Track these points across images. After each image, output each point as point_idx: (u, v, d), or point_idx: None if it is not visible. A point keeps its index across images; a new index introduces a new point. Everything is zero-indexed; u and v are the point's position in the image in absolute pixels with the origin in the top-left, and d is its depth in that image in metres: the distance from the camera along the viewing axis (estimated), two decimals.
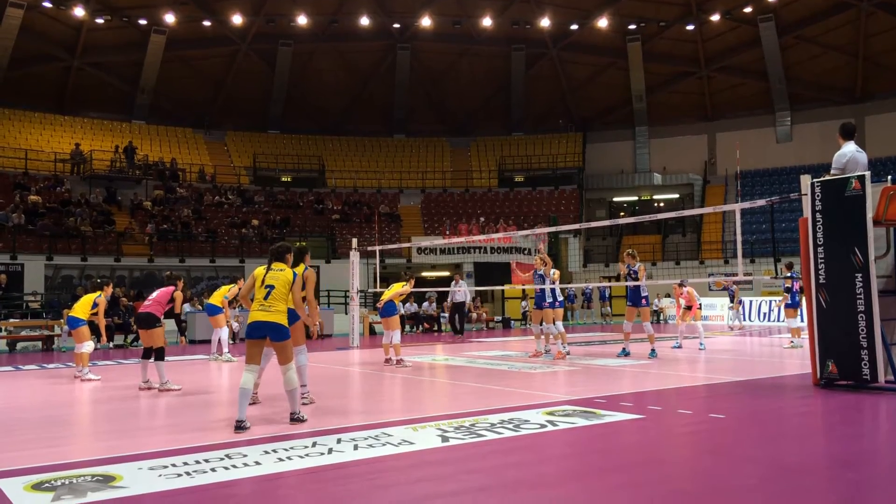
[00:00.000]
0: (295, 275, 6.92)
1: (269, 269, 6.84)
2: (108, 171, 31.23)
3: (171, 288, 10.04)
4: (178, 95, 37.61)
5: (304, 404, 7.47)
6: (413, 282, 13.54)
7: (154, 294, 10.11)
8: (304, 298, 7.46)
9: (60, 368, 13.12)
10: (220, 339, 13.87)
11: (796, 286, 15.64)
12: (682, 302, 16.11)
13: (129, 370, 12.73)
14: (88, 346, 10.99)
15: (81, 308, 11.07)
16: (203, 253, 28.34)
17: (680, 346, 15.10)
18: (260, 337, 6.69)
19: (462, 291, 21.35)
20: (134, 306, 20.46)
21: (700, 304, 17.46)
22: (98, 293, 11.28)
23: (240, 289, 11.49)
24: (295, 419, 6.69)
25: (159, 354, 9.68)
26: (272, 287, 6.70)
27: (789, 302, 15.95)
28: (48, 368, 13.17)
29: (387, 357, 12.47)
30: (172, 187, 31.95)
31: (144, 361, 9.83)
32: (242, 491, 4.49)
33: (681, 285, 15.95)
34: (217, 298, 14.04)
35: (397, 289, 12.75)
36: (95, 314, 11.18)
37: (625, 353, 13.09)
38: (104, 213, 28.28)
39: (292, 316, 7.12)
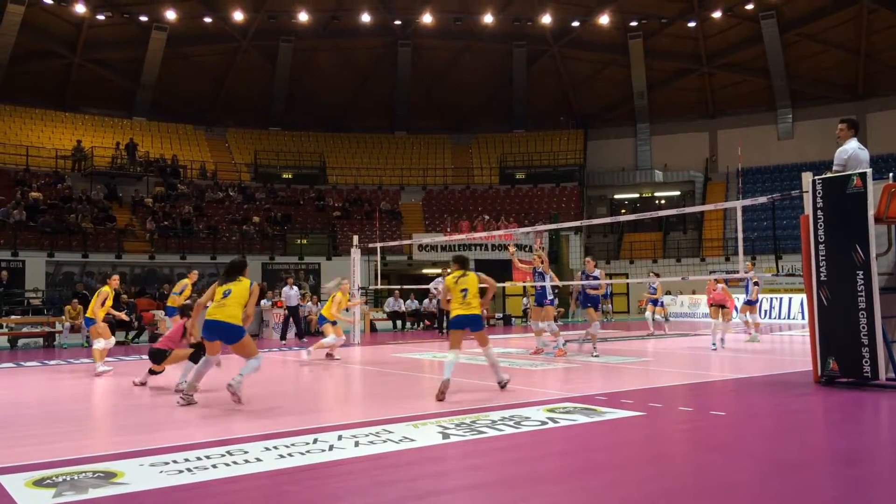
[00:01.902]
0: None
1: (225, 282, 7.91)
2: (109, 168, 31.25)
3: (184, 321, 9.59)
4: (179, 92, 37.61)
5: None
6: (347, 285, 13.44)
7: (168, 331, 9.81)
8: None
9: (62, 365, 13.14)
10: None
11: (751, 283, 16.21)
12: (723, 300, 15.02)
13: (131, 367, 12.73)
14: (100, 342, 11.24)
15: (91, 308, 11.37)
16: (204, 249, 28.36)
17: (716, 347, 13.93)
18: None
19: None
20: (136, 303, 20.49)
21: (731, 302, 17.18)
22: (104, 288, 11.50)
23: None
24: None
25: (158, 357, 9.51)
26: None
27: (748, 298, 16.43)
28: (49, 365, 13.18)
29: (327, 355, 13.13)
30: (173, 184, 31.96)
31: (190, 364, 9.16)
32: (244, 487, 4.50)
33: (717, 283, 15.06)
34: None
35: (338, 301, 12.99)
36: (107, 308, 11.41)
37: (543, 345, 13.72)
38: (105, 210, 28.29)
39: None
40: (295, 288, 18.71)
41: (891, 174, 8.37)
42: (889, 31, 34.25)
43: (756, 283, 16.74)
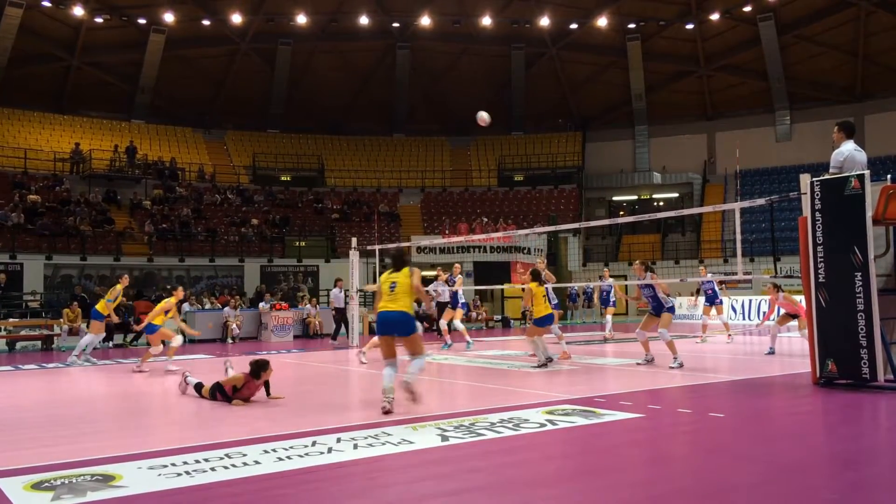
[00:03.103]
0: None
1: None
2: (107, 171, 31.23)
3: (257, 382, 8.35)
4: (177, 95, 37.59)
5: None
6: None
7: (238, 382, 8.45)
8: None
9: (60, 368, 13.12)
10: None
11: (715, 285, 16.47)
12: (781, 309, 14.17)
13: (127, 369, 12.73)
14: (178, 339, 12.11)
15: (154, 316, 12.02)
16: (202, 252, 28.34)
17: (772, 352, 13.37)
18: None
19: (445, 291, 17.36)
20: (134, 306, 20.47)
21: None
22: (170, 299, 12.26)
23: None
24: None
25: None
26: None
27: (719, 300, 16.77)
28: (48, 368, 13.17)
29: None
30: (172, 186, 31.93)
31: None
32: (242, 490, 4.49)
33: (777, 289, 14.18)
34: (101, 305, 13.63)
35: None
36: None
37: (447, 347, 15.29)
38: (103, 213, 28.27)
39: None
40: (343, 290, 18.50)
41: (889, 176, 8.40)
42: (887, 34, 34.30)
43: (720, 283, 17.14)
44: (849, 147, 8.48)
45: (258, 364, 8.24)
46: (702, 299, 18.79)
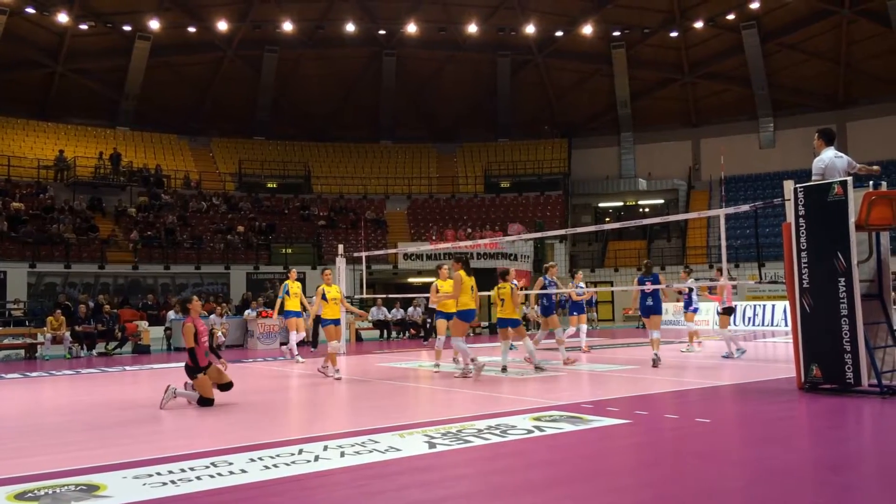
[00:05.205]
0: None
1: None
2: (92, 178, 31.04)
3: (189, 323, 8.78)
4: (162, 101, 37.42)
5: None
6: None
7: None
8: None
9: (44, 377, 12.99)
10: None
11: (696, 290, 15.80)
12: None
13: (111, 378, 12.63)
14: (335, 345, 11.37)
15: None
16: (188, 260, 28.19)
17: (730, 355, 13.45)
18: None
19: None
20: (118, 314, 20.32)
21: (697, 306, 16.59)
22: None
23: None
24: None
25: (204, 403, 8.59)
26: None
27: (693, 307, 15.98)
28: (31, 377, 13.04)
29: None
30: (157, 194, 31.77)
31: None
32: (228, 499, 4.46)
33: (721, 273, 14.09)
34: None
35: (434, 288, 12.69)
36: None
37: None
38: (88, 220, 28.08)
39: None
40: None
41: (871, 182, 8.46)
42: (868, 41, 34.73)
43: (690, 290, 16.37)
44: (829, 154, 8.57)
45: (182, 301, 8.57)
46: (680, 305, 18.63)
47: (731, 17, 35.13)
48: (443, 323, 12.23)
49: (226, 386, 8.79)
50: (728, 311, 14.35)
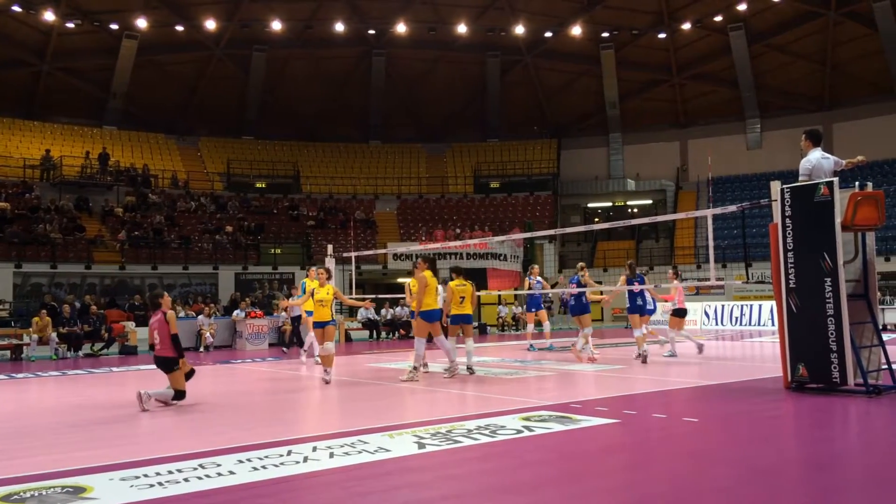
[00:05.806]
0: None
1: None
2: (78, 178, 30.80)
3: (160, 316, 8.76)
4: (150, 101, 37.23)
5: None
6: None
7: (156, 336, 8.76)
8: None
9: (30, 378, 12.90)
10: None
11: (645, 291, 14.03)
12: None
13: (98, 379, 12.55)
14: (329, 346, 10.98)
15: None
16: (176, 260, 28.05)
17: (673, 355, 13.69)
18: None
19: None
20: (105, 315, 20.18)
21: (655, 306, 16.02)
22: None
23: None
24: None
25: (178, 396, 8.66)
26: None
27: (648, 308, 14.44)
28: (17, 378, 12.93)
29: None
30: (144, 193, 31.59)
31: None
32: (217, 501, 4.44)
33: (676, 275, 14.55)
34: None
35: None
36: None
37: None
38: (74, 220, 27.88)
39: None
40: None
41: (857, 182, 8.52)
42: (854, 43, 35.00)
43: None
44: (816, 155, 8.63)
45: (153, 296, 8.92)
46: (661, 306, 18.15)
47: (718, 18, 35.33)
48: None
49: (190, 374, 8.90)
50: (680, 314, 14.18)
